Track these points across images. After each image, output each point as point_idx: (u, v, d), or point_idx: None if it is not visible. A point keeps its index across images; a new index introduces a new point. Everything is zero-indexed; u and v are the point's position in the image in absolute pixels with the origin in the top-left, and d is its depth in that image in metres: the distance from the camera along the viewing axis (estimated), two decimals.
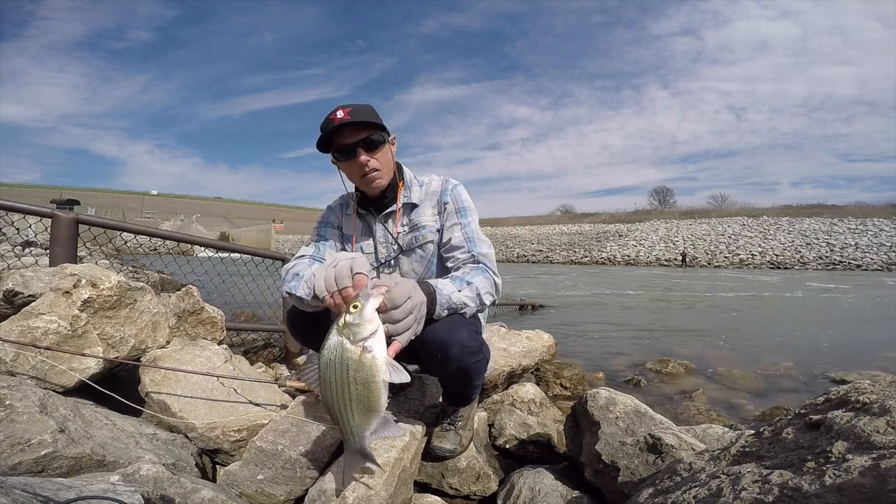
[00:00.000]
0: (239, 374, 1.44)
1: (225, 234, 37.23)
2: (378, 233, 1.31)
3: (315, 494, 0.98)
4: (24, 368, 1.18)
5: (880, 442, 0.56)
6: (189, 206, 72.85)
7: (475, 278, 1.14)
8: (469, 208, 1.30)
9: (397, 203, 1.28)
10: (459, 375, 1.15)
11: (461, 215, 1.28)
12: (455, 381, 1.21)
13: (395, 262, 1.31)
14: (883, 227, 32.74)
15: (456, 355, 1.07)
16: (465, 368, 1.11)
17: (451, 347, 1.06)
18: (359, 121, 1.15)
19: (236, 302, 2.85)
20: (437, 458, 1.27)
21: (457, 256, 1.24)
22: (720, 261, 30.19)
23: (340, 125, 1.14)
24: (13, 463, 0.84)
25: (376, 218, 1.30)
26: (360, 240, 1.33)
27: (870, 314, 6.89)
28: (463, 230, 1.26)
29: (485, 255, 1.23)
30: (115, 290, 1.39)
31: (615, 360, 3.47)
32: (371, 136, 1.18)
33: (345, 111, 1.16)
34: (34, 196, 48.64)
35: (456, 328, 1.07)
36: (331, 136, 1.17)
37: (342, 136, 1.17)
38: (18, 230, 2.08)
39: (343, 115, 1.15)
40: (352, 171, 1.23)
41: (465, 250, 1.24)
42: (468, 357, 1.09)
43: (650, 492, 0.82)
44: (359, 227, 1.34)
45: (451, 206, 1.29)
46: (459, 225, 1.27)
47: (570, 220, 55.02)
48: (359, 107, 1.19)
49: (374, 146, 1.19)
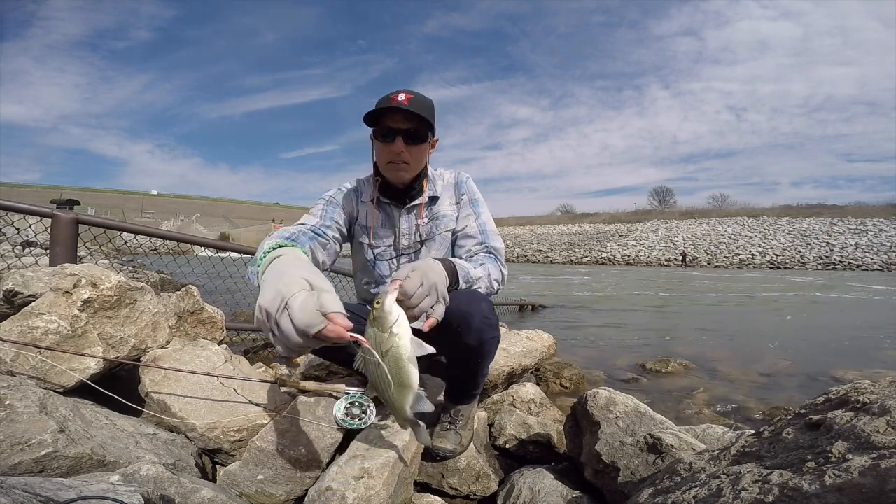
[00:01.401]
0: (239, 374, 1.44)
1: (225, 234, 37.22)
2: (402, 224, 1.32)
3: (315, 494, 0.98)
4: (24, 368, 1.18)
5: (880, 442, 0.56)
6: (189, 206, 72.82)
7: (488, 263, 1.21)
8: (481, 200, 1.36)
9: (423, 196, 1.31)
10: (477, 351, 1.14)
11: (474, 206, 1.34)
12: (469, 360, 1.19)
13: (415, 253, 1.32)
14: (883, 227, 32.75)
15: (478, 326, 1.07)
16: (484, 342, 1.12)
17: (473, 317, 1.06)
18: (412, 111, 1.15)
19: (236, 302, 2.85)
20: (437, 459, 1.27)
21: (470, 247, 1.29)
22: (720, 261, 30.20)
23: (396, 108, 1.14)
24: (13, 463, 0.84)
25: (400, 209, 1.31)
26: (379, 230, 1.32)
27: (870, 314, 6.89)
28: (476, 221, 1.32)
29: (497, 248, 1.29)
30: (115, 290, 1.39)
31: (615, 360, 3.47)
32: (417, 129, 1.19)
33: (406, 97, 1.16)
34: (34, 196, 48.64)
35: (477, 299, 1.09)
36: (381, 113, 1.17)
37: (391, 118, 1.17)
38: (18, 230, 2.08)
39: (403, 100, 1.15)
40: (383, 154, 1.22)
41: (479, 241, 1.29)
42: (488, 330, 1.11)
43: (650, 492, 0.82)
44: (378, 217, 1.32)
45: (465, 197, 1.34)
46: (473, 215, 1.32)
47: (571, 220, 55.04)
48: (420, 98, 1.20)
49: (414, 139, 1.19)
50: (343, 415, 1.25)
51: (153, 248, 2.59)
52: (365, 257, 1.36)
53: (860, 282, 15.30)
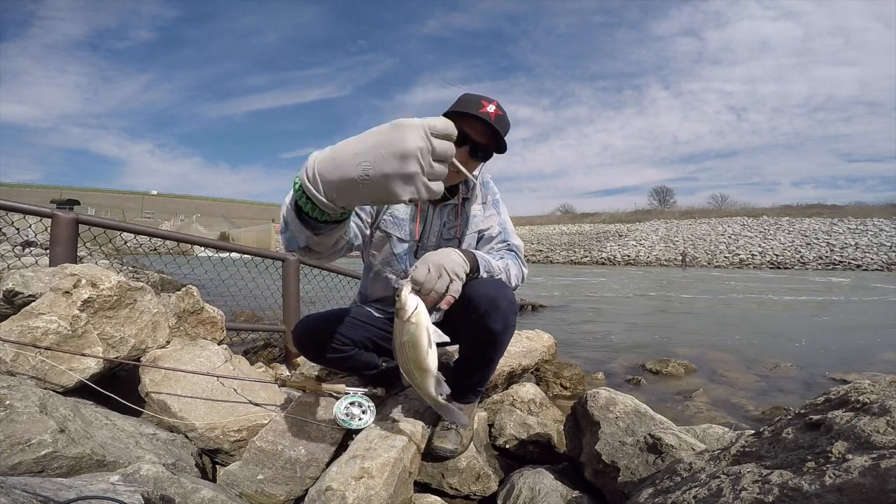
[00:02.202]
0: (239, 374, 1.45)
1: (225, 234, 37.23)
2: (434, 221, 1.32)
3: (315, 494, 0.98)
4: (24, 368, 1.18)
5: (880, 442, 0.56)
6: (189, 206, 72.84)
7: (508, 259, 1.27)
8: (501, 201, 1.41)
9: (458, 197, 1.33)
10: (500, 338, 1.16)
11: (496, 206, 1.39)
12: (488, 348, 1.19)
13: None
14: (883, 227, 32.75)
15: (505, 310, 1.10)
16: (509, 327, 1.14)
17: (500, 301, 1.09)
18: (494, 130, 1.13)
19: (236, 302, 2.85)
20: (437, 458, 1.27)
21: (493, 244, 1.34)
22: (720, 261, 30.20)
23: (480, 118, 1.12)
24: (13, 463, 0.84)
25: (435, 206, 1.31)
26: (410, 224, 1.31)
27: (870, 314, 6.89)
28: (499, 220, 1.37)
29: (517, 246, 1.35)
30: (115, 290, 1.39)
31: (615, 360, 3.47)
32: (485, 148, 1.18)
33: (496, 112, 1.14)
34: (34, 196, 48.63)
35: (503, 285, 1.13)
36: (461, 115, 1.13)
37: (471, 125, 1.14)
38: (18, 230, 2.08)
39: (492, 112, 1.13)
40: None
41: (501, 239, 1.35)
42: (512, 316, 1.14)
43: (650, 492, 0.82)
44: (411, 210, 1.31)
45: (490, 198, 1.38)
46: (496, 215, 1.37)
47: (570, 220, 55.04)
48: (505, 118, 1.17)
49: (475, 156, 1.19)
50: (343, 415, 1.25)
51: (153, 248, 2.58)
52: (392, 250, 1.32)
53: (860, 281, 15.29)
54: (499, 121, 1.14)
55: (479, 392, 1.35)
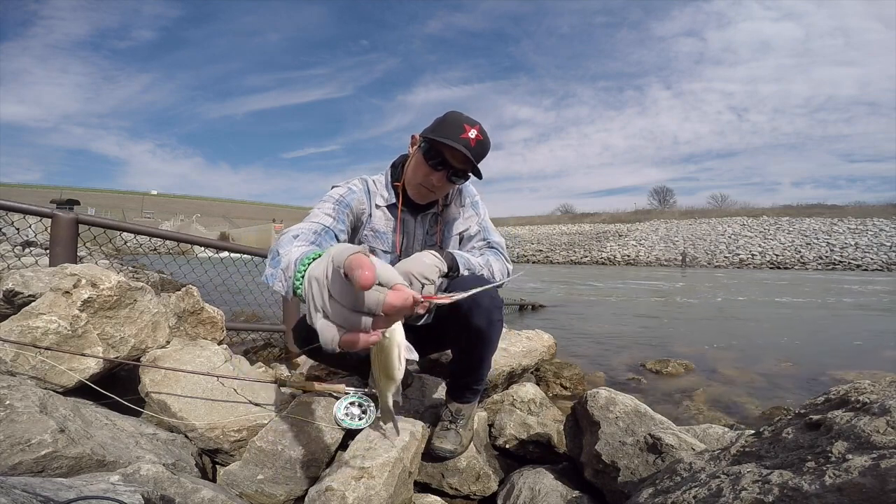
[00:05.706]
0: (239, 374, 1.44)
1: (225, 234, 37.21)
2: (417, 231, 1.33)
3: (315, 494, 0.98)
4: (24, 368, 1.18)
5: (880, 442, 0.56)
6: (189, 206, 72.78)
7: (490, 257, 1.29)
8: (481, 202, 1.43)
9: (438, 206, 1.34)
10: (485, 335, 1.15)
11: (475, 207, 1.40)
12: (476, 346, 1.19)
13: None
14: (883, 227, 32.73)
15: (487, 305, 1.11)
16: (493, 322, 1.15)
17: (482, 297, 1.05)
18: (473, 158, 1.15)
19: (236, 302, 2.86)
20: (437, 459, 1.27)
21: (473, 244, 1.36)
22: (720, 261, 30.19)
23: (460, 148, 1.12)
24: (13, 463, 0.84)
25: (415, 216, 1.33)
26: (393, 236, 1.31)
27: (870, 314, 6.89)
28: (478, 220, 1.39)
29: (498, 243, 1.37)
30: (115, 290, 1.39)
31: (615, 360, 3.47)
32: (464, 173, 1.21)
33: (476, 137, 1.15)
34: (34, 196, 48.62)
35: (483, 281, 1.13)
36: (443, 142, 1.14)
37: (449, 151, 1.16)
38: (18, 230, 2.08)
39: (472, 138, 1.15)
40: (419, 173, 1.21)
41: (480, 237, 1.37)
42: (496, 311, 1.14)
43: (650, 492, 0.82)
44: (392, 223, 1.31)
45: (468, 200, 1.40)
46: (475, 216, 1.39)
47: (570, 220, 55.02)
48: (485, 142, 1.19)
49: (456, 180, 1.22)
50: (343, 415, 1.26)
51: (153, 248, 2.59)
52: None
53: (861, 281, 15.29)
54: (478, 146, 1.16)
55: (476, 391, 1.34)
